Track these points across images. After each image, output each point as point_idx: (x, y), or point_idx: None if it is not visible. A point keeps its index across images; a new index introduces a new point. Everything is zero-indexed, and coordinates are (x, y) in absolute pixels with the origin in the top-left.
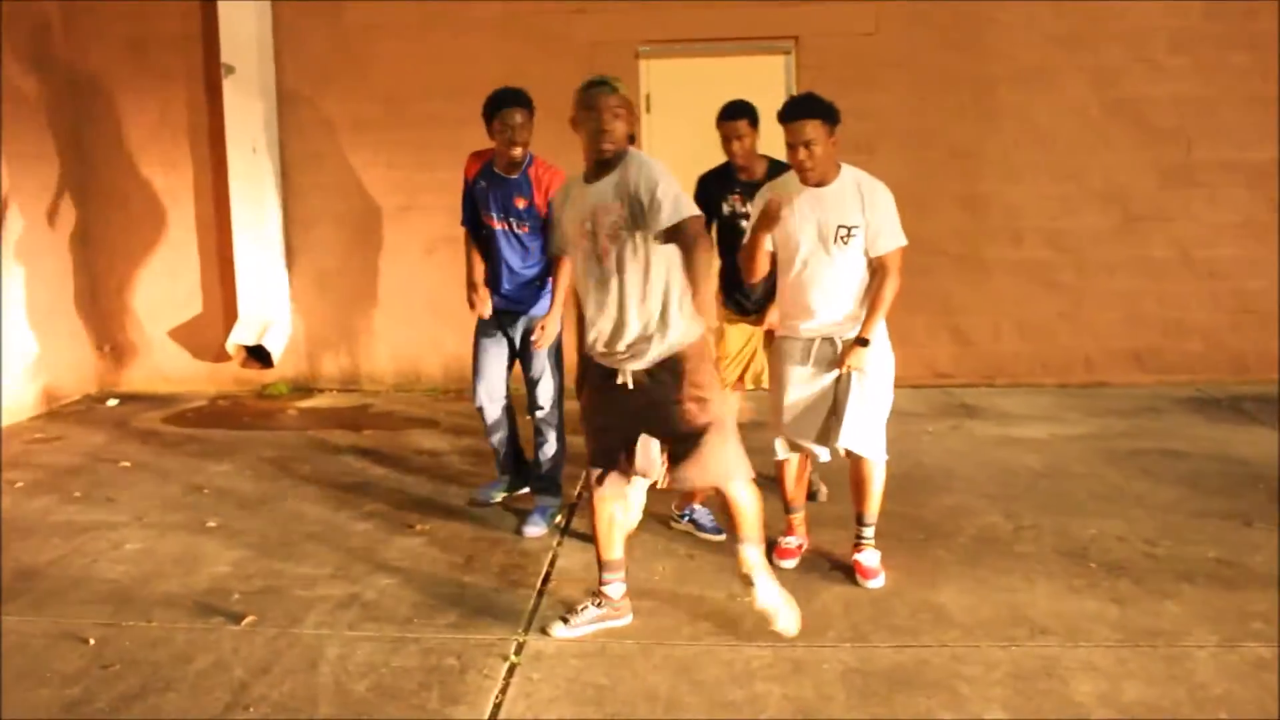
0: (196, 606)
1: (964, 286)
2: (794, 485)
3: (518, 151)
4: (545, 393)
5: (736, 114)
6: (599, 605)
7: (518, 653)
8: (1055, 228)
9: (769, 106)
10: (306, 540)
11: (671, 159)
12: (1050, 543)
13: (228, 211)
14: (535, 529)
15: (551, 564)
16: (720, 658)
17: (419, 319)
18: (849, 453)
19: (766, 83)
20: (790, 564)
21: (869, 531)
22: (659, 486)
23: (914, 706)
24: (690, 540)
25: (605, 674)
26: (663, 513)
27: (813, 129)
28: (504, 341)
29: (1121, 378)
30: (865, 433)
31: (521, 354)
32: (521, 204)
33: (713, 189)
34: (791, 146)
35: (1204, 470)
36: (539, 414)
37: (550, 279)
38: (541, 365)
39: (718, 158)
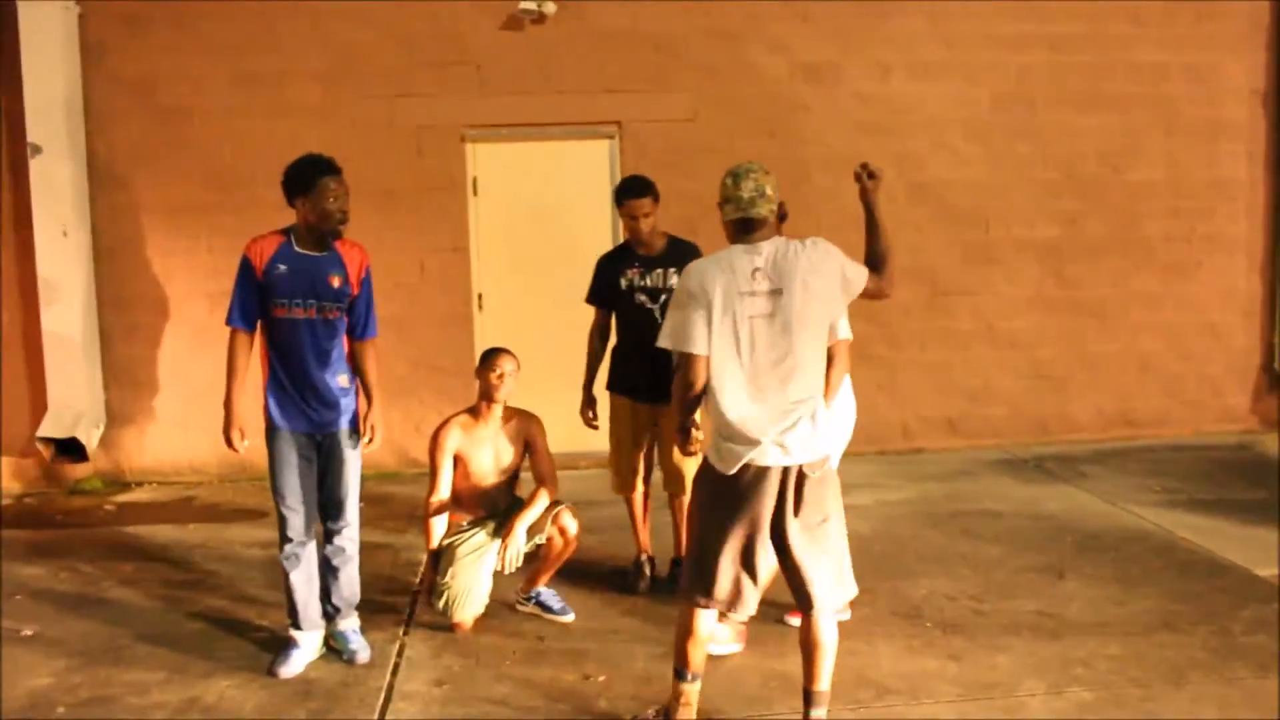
0: None
1: None
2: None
3: (342, 225)
4: (354, 506)
5: (641, 191)
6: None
7: None
8: (869, 303)
9: (595, 189)
10: (135, 644)
11: (498, 241)
12: (886, 605)
13: (35, 297)
14: (366, 651)
15: (400, 653)
16: None
17: (252, 405)
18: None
19: (591, 167)
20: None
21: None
22: (503, 571)
23: None
24: (539, 622)
25: None
26: (506, 596)
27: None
28: (313, 459)
29: (936, 443)
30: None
31: (326, 470)
32: (336, 283)
33: (610, 265)
34: None
35: (1018, 528)
36: (347, 533)
37: (354, 376)
38: (353, 476)
39: (543, 239)
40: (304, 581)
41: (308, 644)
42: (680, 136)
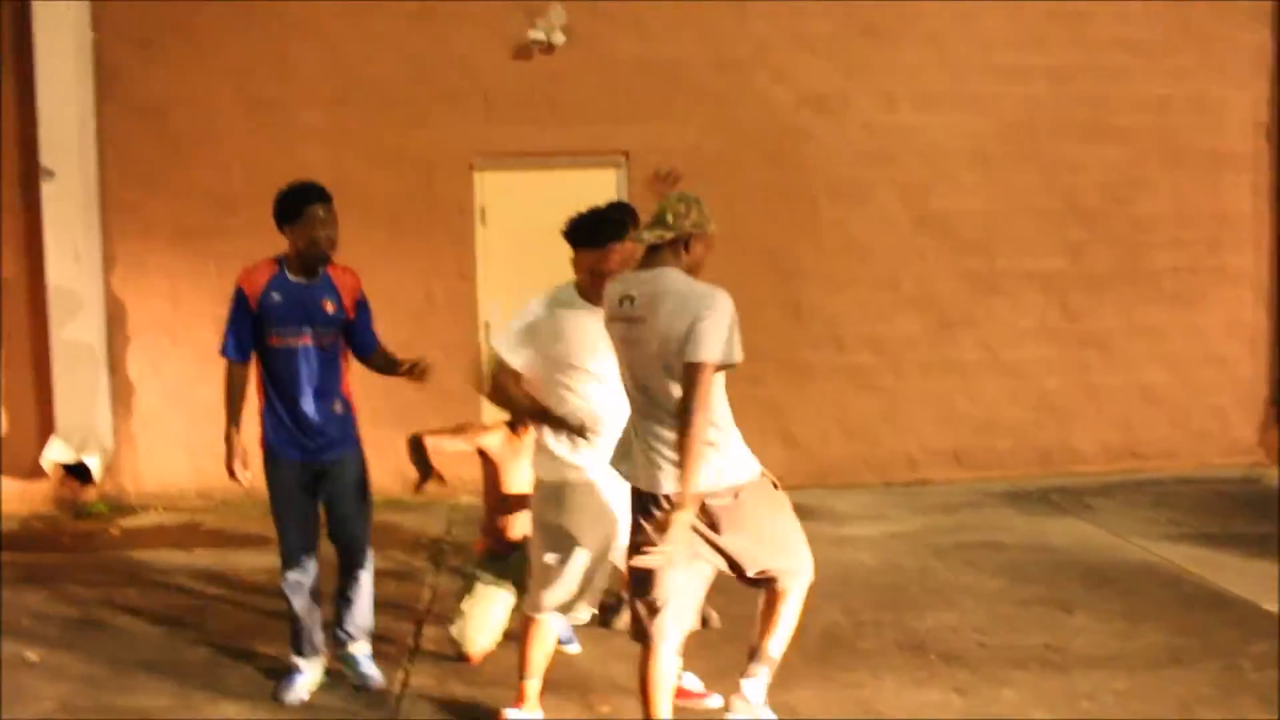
0: None
1: (790, 391)
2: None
3: (331, 250)
4: (365, 535)
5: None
6: None
7: None
8: (874, 333)
9: None
10: (139, 670)
11: (505, 270)
12: (891, 637)
13: (45, 319)
14: (377, 676)
15: (405, 683)
16: None
17: (249, 430)
18: None
19: (599, 195)
20: None
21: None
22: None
23: None
24: None
25: None
26: (510, 627)
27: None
28: (313, 487)
29: (941, 475)
30: None
31: (332, 497)
32: (330, 308)
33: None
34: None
35: (1023, 560)
36: (360, 559)
37: (352, 404)
38: (361, 502)
39: (551, 267)
40: (306, 609)
41: (310, 671)
42: (688, 165)
